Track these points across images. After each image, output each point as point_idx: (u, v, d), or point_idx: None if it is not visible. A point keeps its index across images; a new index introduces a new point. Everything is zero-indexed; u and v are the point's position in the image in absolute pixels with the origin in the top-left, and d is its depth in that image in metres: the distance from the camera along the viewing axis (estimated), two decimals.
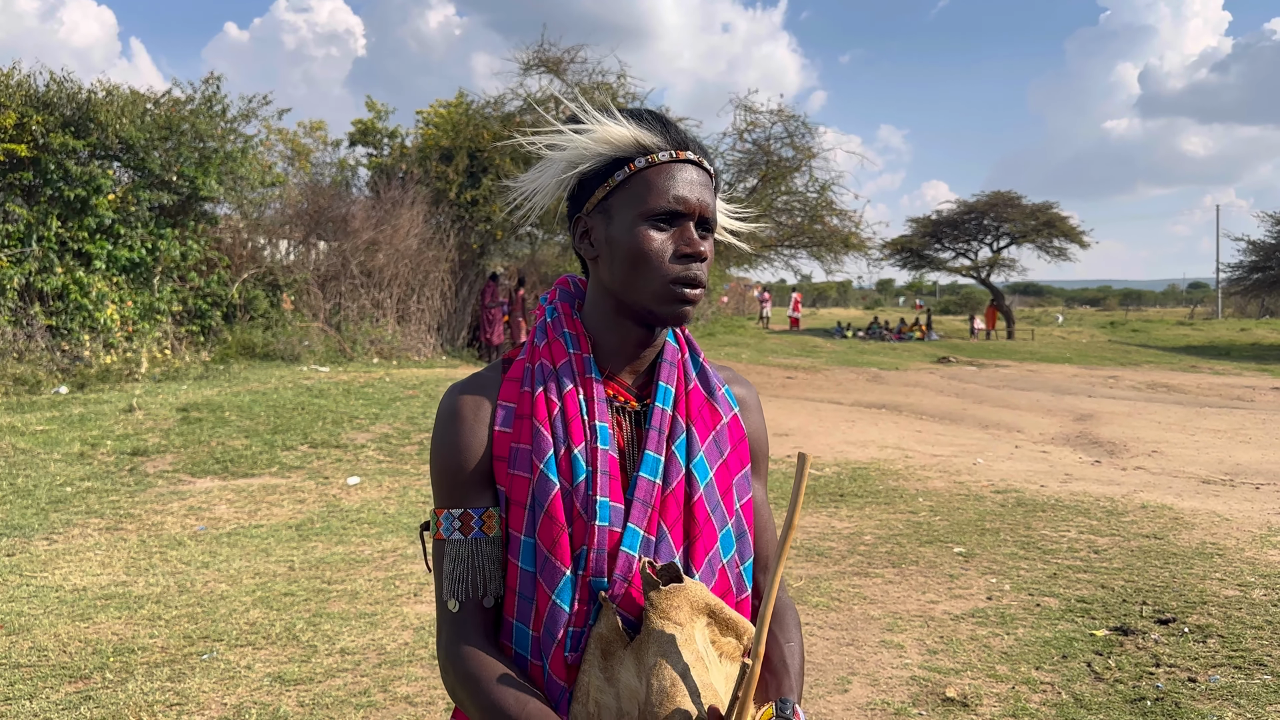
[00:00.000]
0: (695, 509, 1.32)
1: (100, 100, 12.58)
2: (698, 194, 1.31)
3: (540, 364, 1.35)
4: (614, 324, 1.35)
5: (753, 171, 18.28)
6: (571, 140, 1.34)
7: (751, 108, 18.10)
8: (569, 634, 1.26)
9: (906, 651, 4.49)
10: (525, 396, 1.33)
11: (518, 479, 1.30)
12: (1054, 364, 24.53)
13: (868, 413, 14.13)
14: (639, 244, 1.29)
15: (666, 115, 1.36)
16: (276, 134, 19.89)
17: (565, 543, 1.26)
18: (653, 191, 1.30)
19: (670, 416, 1.35)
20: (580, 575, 1.26)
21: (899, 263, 39.16)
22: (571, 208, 1.38)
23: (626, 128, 1.32)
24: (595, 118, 1.33)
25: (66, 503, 7.08)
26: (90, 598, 5.05)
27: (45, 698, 3.82)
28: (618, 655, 1.24)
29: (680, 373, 1.39)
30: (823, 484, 8.26)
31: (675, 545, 1.31)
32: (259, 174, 14.80)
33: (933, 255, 38.31)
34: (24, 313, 11.99)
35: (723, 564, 1.35)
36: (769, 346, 26.93)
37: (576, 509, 1.27)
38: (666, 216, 1.30)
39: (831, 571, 5.73)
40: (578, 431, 1.30)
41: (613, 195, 1.33)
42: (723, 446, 1.38)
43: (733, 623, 1.29)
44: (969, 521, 6.86)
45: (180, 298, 13.90)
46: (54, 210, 12.23)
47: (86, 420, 9.57)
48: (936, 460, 9.51)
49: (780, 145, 18.23)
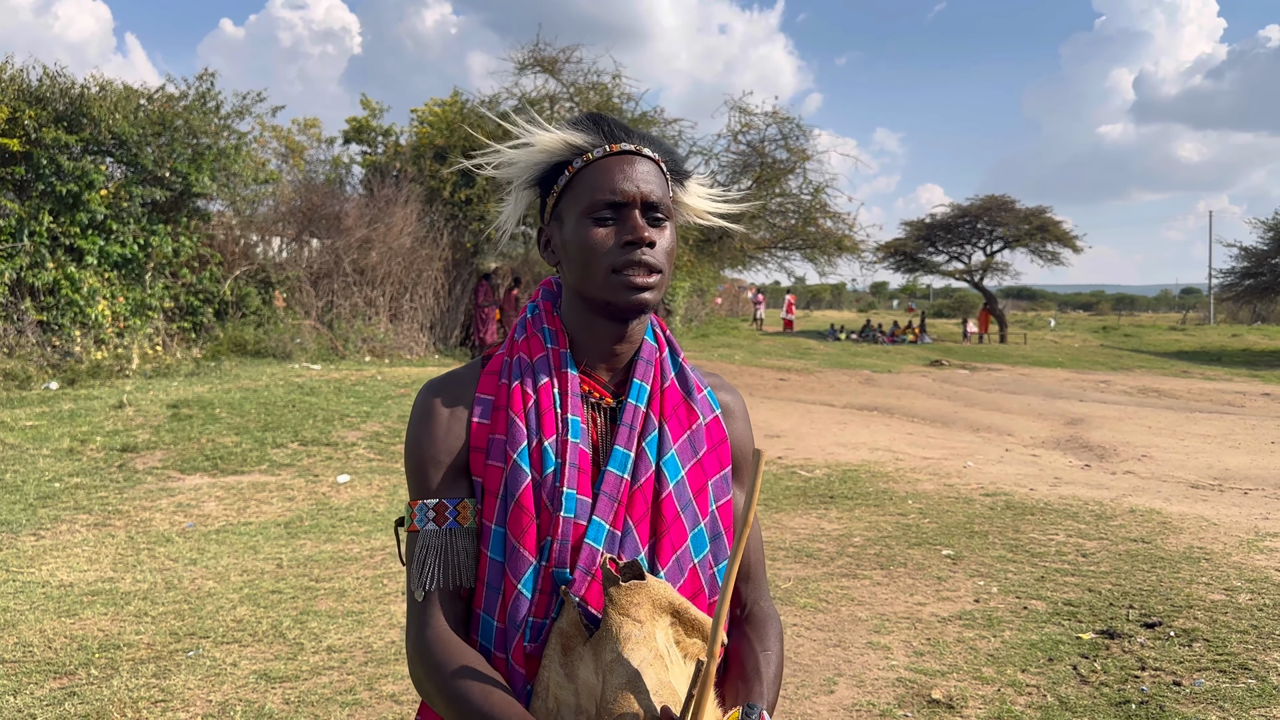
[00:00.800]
0: (663, 506, 1.33)
1: (94, 95, 12.54)
2: (636, 182, 1.32)
3: (518, 357, 1.37)
4: (587, 321, 1.37)
5: (747, 173, 18.29)
6: (512, 157, 1.39)
7: (746, 109, 18.13)
8: (529, 624, 1.26)
9: (893, 653, 4.50)
10: (502, 389, 1.35)
11: (492, 469, 1.32)
12: (1046, 368, 24.58)
13: (859, 415, 14.15)
14: (584, 240, 1.31)
15: (604, 115, 1.39)
16: (271, 131, 19.85)
17: (533, 532, 1.28)
18: (590, 188, 1.32)
19: (643, 413, 1.36)
20: (544, 566, 1.27)
21: (892, 266, 39.21)
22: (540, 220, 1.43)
23: (554, 133, 1.35)
24: (526, 130, 1.37)
25: (55, 498, 7.06)
26: (77, 594, 5.03)
27: (30, 693, 3.81)
28: (577, 651, 1.24)
29: (657, 370, 1.40)
30: (813, 486, 8.28)
31: (640, 541, 1.31)
32: (252, 171, 14.77)
33: (926, 259, 38.38)
34: (15, 308, 11.95)
35: (694, 564, 1.35)
36: (762, 348, 26.95)
37: (544, 500, 1.29)
38: (608, 209, 1.31)
39: (820, 573, 5.73)
40: (550, 424, 1.31)
41: (561, 200, 1.36)
42: (698, 446, 1.39)
43: (698, 623, 1.28)
44: (958, 524, 6.88)
45: (172, 294, 13.86)
46: (46, 205, 12.19)
47: (76, 416, 9.54)
48: (927, 463, 9.53)
49: (774, 147, 18.25)
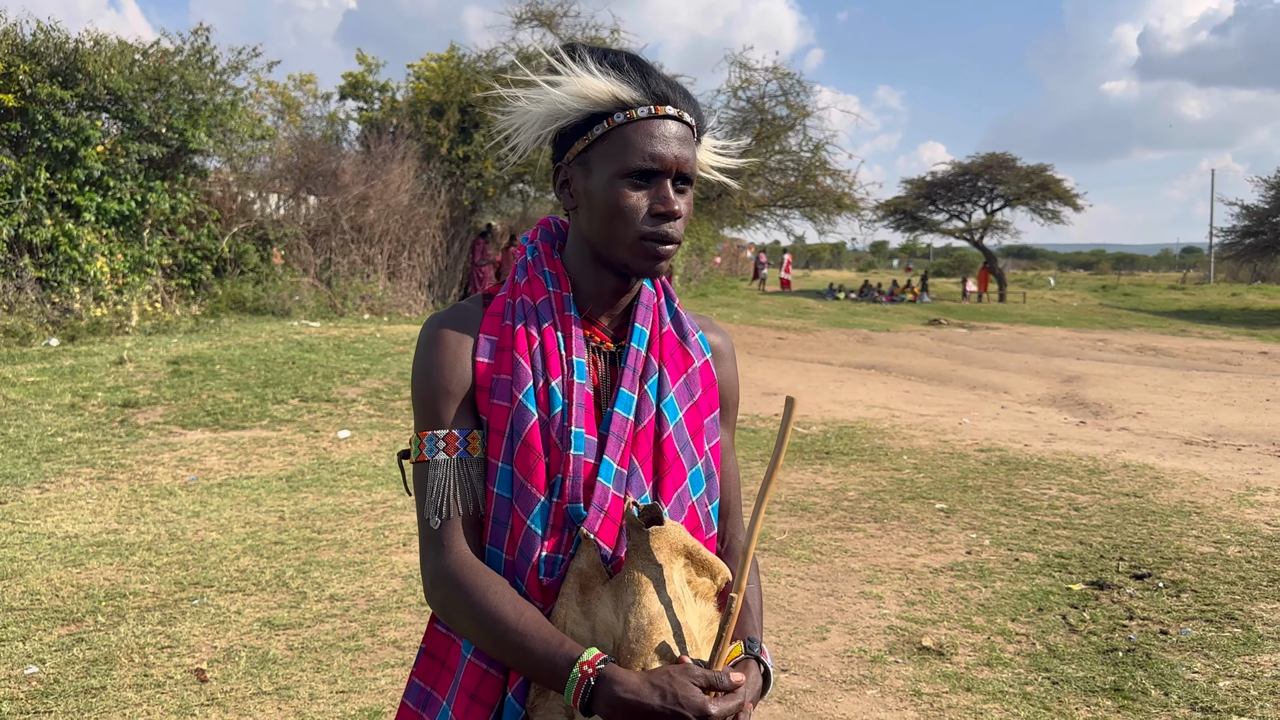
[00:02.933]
0: (664, 446, 1.37)
1: (88, 50, 12.43)
2: (675, 150, 1.32)
3: (521, 300, 1.39)
4: (592, 270, 1.39)
5: (746, 130, 18.18)
6: (548, 95, 1.34)
7: (746, 65, 17.99)
8: (543, 558, 1.30)
9: (885, 602, 4.58)
10: (506, 330, 1.37)
11: (497, 408, 1.34)
12: (1044, 327, 24.62)
13: (857, 373, 14.20)
14: (615, 201, 1.31)
15: (648, 63, 1.37)
16: (266, 87, 19.68)
17: (541, 470, 1.30)
18: (630, 149, 1.31)
19: (644, 357, 1.39)
20: (555, 502, 1.30)
21: (892, 224, 39.12)
22: (555, 154, 1.41)
23: (604, 82, 1.32)
24: (572, 70, 1.34)
25: (58, 453, 7.12)
26: (82, 544, 5.11)
27: (39, 639, 3.88)
28: (595, 590, 1.28)
29: (655, 316, 1.43)
30: (809, 442, 8.34)
31: (645, 479, 1.35)
32: (249, 127, 14.66)
33: (926, 217, 38.27)
34: (13, 265, 11.94)
35: (692, 501, 1.40)
36: (761, 308, 26.96)
37: (553, 439, 1.31)
38: (642, 174, 1.32)
39: (814, 526, 5.81)
40: (555, 365, 1.34)
41: (591, 149, 1.34)
42: (693, 389, 1.43)
43: (708, 564, 1.34)
44: (952, 479, 6.95)
45: (170, 251, 13.83)
46: (42, 161, 12.13)
47: (77, 372, 9.58)
48: (923, 420, 9.59)
49: (774, 103, 18.14)
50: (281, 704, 3.43)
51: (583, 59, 1.34)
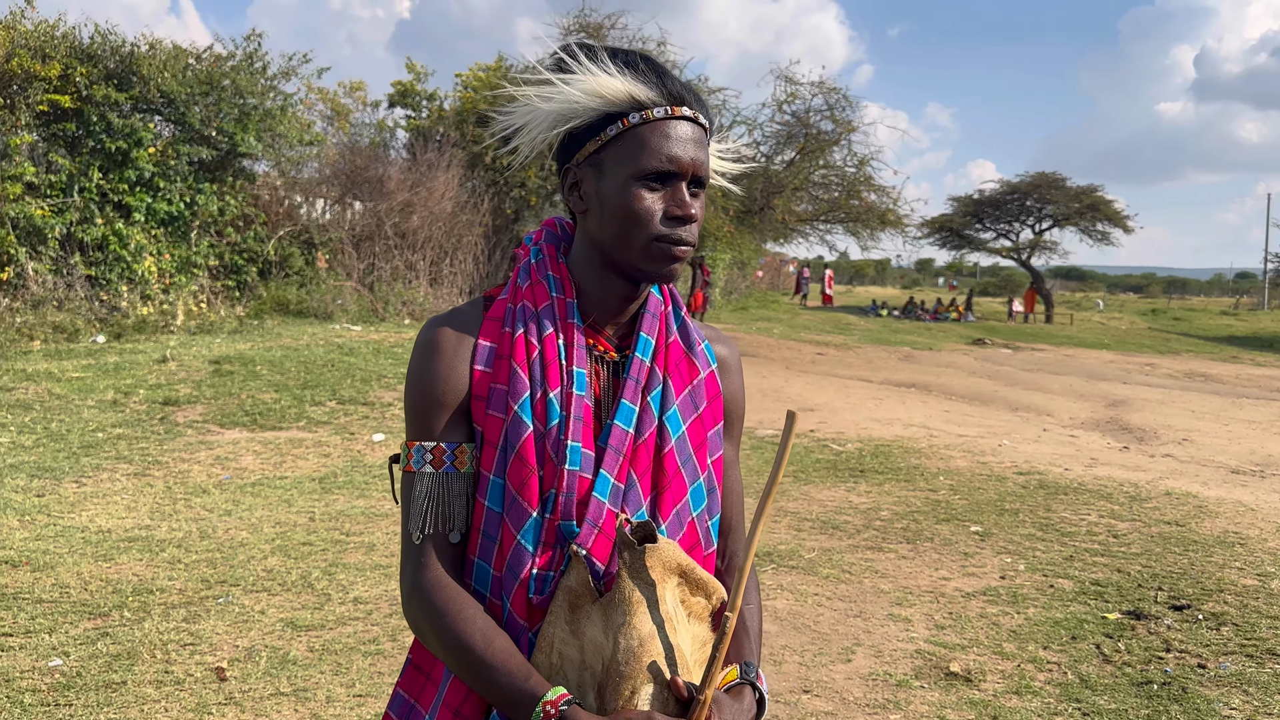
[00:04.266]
0: (665, 460, 1.32)
1: (143, 54, 12.68)
2: (691, 152, 1.28)
3: (522, 305, 1.34)
4: (600, 276, 1.35)
5: (791, 144, 18.11)
6: (561, 93, 1.29)
7: (792, 79, 17.92)
8: (533, 575, 1.25)
9: (914, 625, 4.49)
10: (505, 337, 1.32)
11: (492, 419, 1.30)
12: (1091, 349, 24.21)
13: (896, 391, 14.04)
14: (630, 204, 1.27)
15: (662, 63, 1.32)
16: (317, 93, 19.96)
17: (534, 485, 1.26)
18: (646, 150, 1.27)
19: (648, 368, 1.34)
20: (548, 518, 1.26)
21: (938, 242, 38.72)
22: (562, 155, 1.35)
23: (620, 80, 1.27)
24: (587, 68, 1.29)
25: (97, 448, 7.23)
26: (114, 539, 5.16)
27: (65, 632, 3.92)
28: (585, 609, 1.24)
29: (661, 325, 1.38)
30: (843, 459, 8.24)
31: (643, 494, 1.31)
32: (297, 132, 14.87)
33: (973, 235, 37.84)
34: (64, 262, 12.18)
35: (692, 517, 1.35)
36: (801, 323, 26.80)
37: (548, 452, 1.27)
38: (658, 176, 1.28)
39: (845, 545, 5.72)
40: (554, 375, 1.30)
41: (604, 150, 1.30)
42: (698, 401, 1.38)
43: (703, 583, 1.29)
44: (988, 501, 6.82)
45: (217, 252, 14.05)
46: (95, 162, 12.38)
47: (121, 369, 9.73)
48: (961, 440, 9.45)
49: (820, 118, 18.04)
50: (298, 705, 3.43)
51: (597, 57, 1.29)
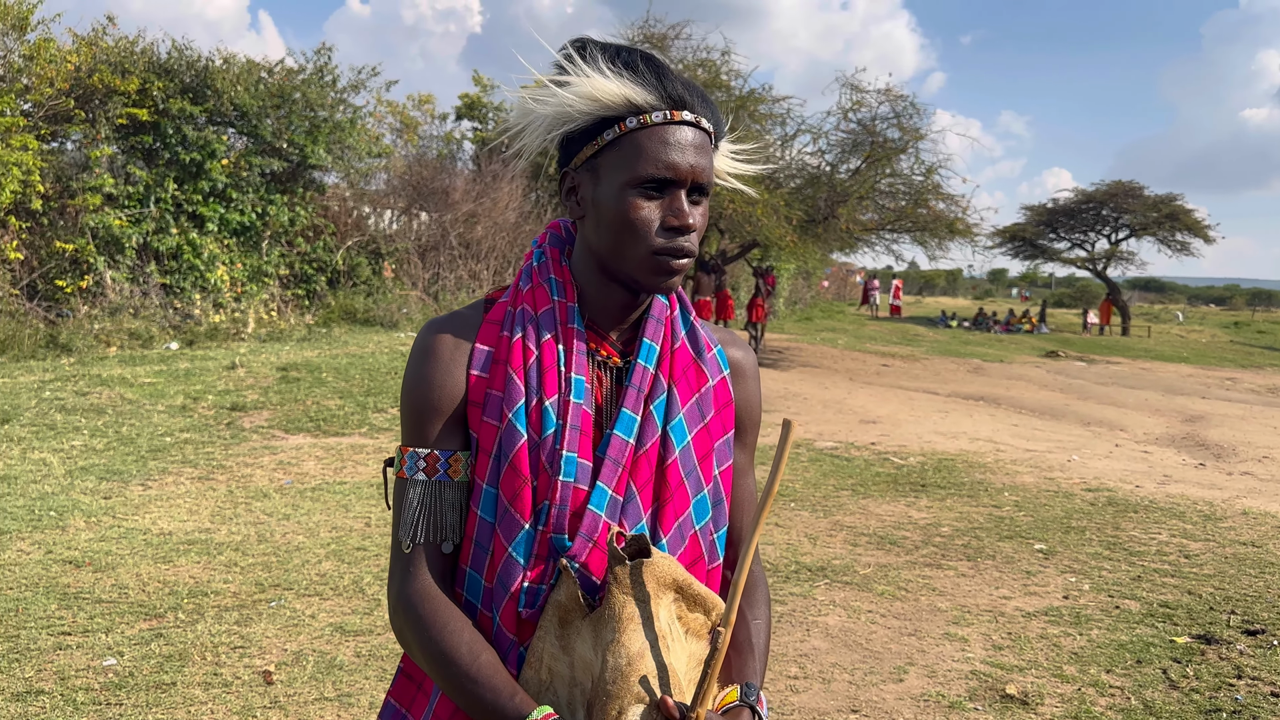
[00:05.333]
0: (668, 472, 1.27)
1: (217, 68, 13.04)
2: (691, 159, 1.23)
3: (522, 309, 1.30)
4: (599, 281, 1.30)
5: (856, 152, 17.88)
6: (555, 96, 1.25)
7: (858, 87, 17.70)
8: (524, 589, 1.22)
9: (970, 645, 4.36)
10: (504, 341, 1.28)
11: (487, 426, 1.26)
12: (1169, 363, 23.47)
13: (963, 404, 13.76)
14: (625, 212, 1.22)
15: (664, 63, 1.27)
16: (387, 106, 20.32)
17: (527, 496, 1.22)
18: (642, 157, 1.22)
19: (652, 375, 1.29)
20: (540, 530, 1.22)
21: (1010, 252, 37.91)
22: (562, 158, 1.31)
23: (616, 83, 1.22)
24: (582, 70, 1.24)
25: (164, 452, 7.40)
26: (174, 542, 5.26)
27: (120, 632, 4.00)
28: (575, 625, 1.20)
29: (667, 330, 1.33)
30: (905, 473, 8.08)
31: (644, 508, 1.26)
32: (366, 144, 15.15)
33: (1046, 245, 36.96)
34: (141, 271, 12.55)
35: (695, 530, 1.30)
36: (867, 333, 26.46)
37: (542, 462, 1.23)
38: (656, 184, 1.23)
39: (902, 561, 5.59)
40: (551, 383, 1.25)
41: (601, 155, 1.25)
42: (705, 410, 1.33)
43: (701, 598, 1.24)
44: (1054, 519, 6.62)
45: (287, 262, 14.36)
46: (171, 173, 12.75)
47: (191, 375, 9.97)
48: (1029, 455, 9.20)
49: (886, 126, 17.77)
50: (341, 711, 3.44)
51: (593, 58, 1.24)
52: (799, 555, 5.60)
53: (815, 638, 4.38)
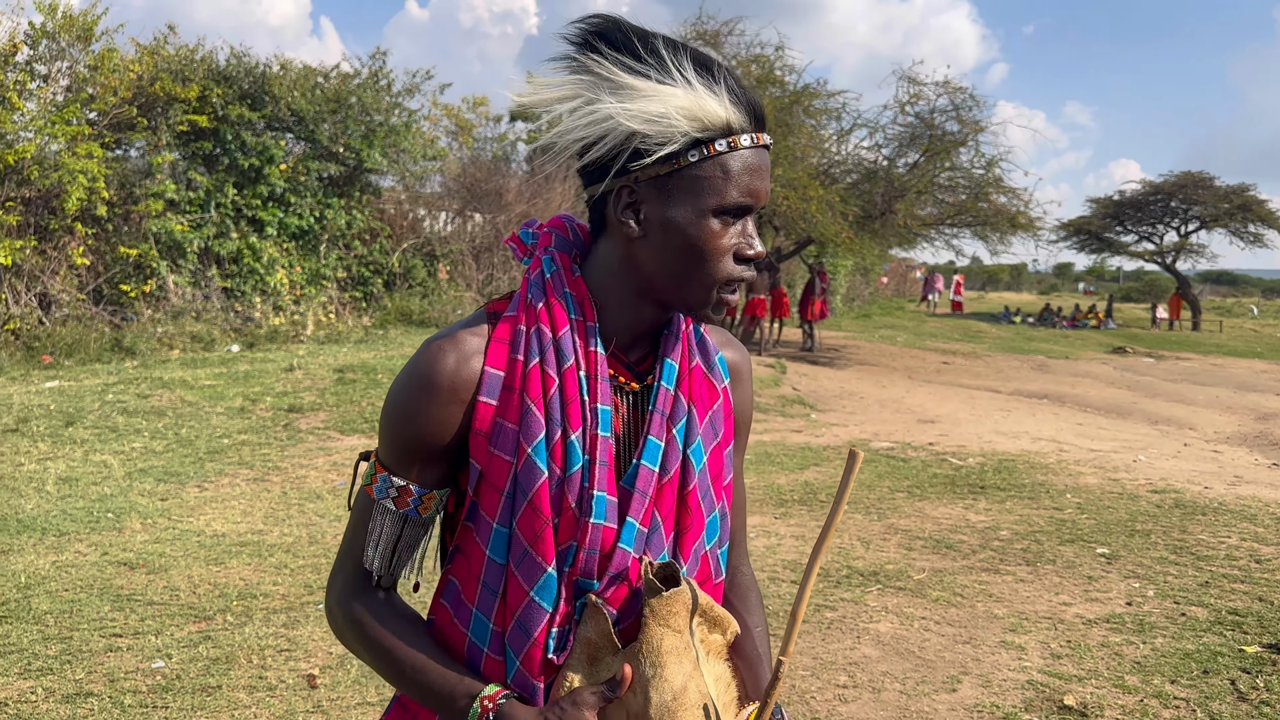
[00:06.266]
0: (689, 498, 1.20)
1: (275, 74, 13.25)
2: (767, 184, 1.16)
3: (537, 329, 1.17)
4: (631, 302, 1.19)
5: (914, 146, 17.60)
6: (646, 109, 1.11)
7: (915, 79, 17.40)
8: (551, 634, 1.14)
9: (1027, 654, 4.22)
10: (517, 366, 1.16)
11: (498, 460, 1.16)
12: (1242, 358, 22.72)
13: (1026, 402, 13.46)
14: (702, 239, 1.13)
15: (736, 73, 1.16)
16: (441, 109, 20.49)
17: (549, 537, 1.13)
18: (731, 182, 1.12)
19: (673, 396, 1.21)
20: (566, 572, 1.14)
21: (1076, 246, 37.05)
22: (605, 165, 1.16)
23: (717, 103, 1.11)
24: (692, 88, 1.11)
25: (222, 453, 7.51)
26: (227, 544, 5.33)
27: (170, 634, 4.04)
28: (605, 662, 1.14)
29: (684, 346, 1.24)
30: (963, 475, 7.90)
31: (665, 536, 1.19)
32: (421, 148, 15.29)
33: (1113, 239, 36.07)
34: (202, 275, 12.81)
35: (705, 551, 1.25)
36: (928, 330, 26.06)
37: (566, 500, 1.14)
38: (736, 211, 1.14)
39: (958, 566, 5.45)
40: (575, 414, 1.15)
41: (678, 174, 1.13)
42: (718, 426, 1.26)
43: (720, 620, 1.20)
44: (1118, 521, 6.41)
45: (345, 265, 14.55)
46: (231, 178, 12.99)
47: (251, 377, 10.13)
48: (1093, 455, 8.95)
49: (945, 119, 17.45)
50: None
51: (681, 64, 1.12)
52: (851, 560, 5.48)
53: (866, 645, 4.28)
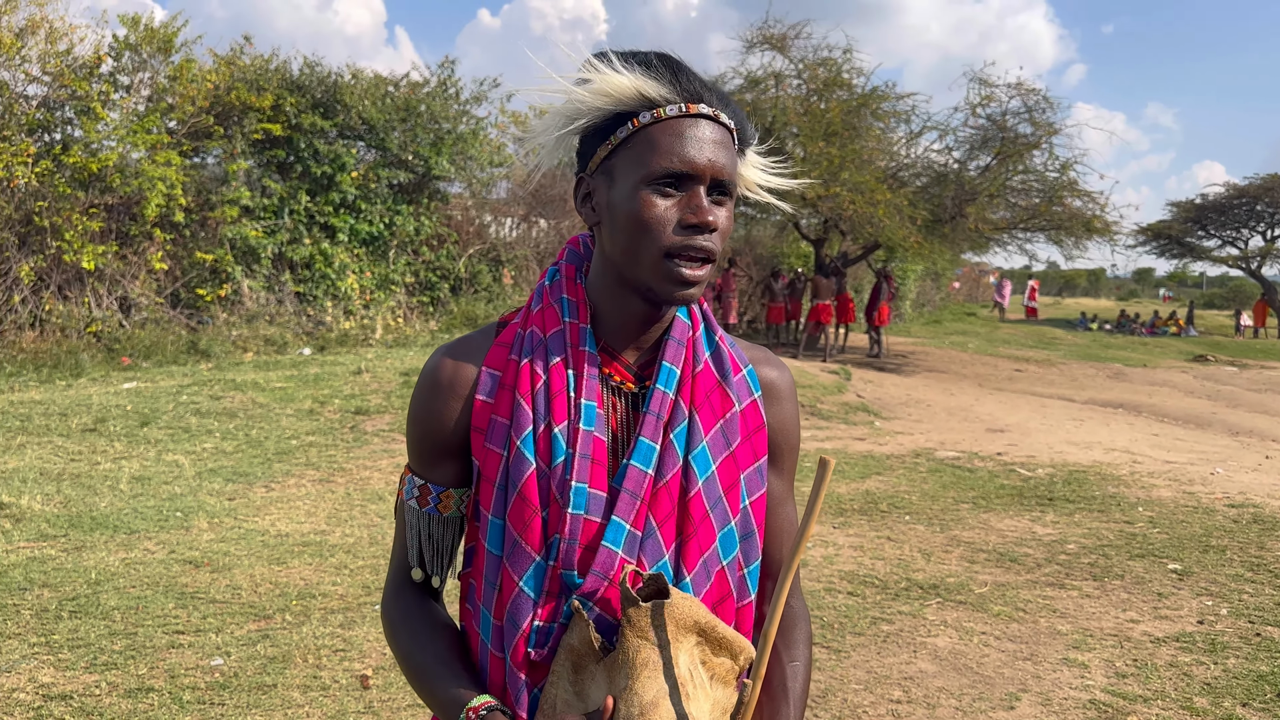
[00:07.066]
0: (691, 505, 1.19)
1: (346, 83, 13.52)
2: (710, 154, 1.15)
3: (531, 331, 1.24)
4: (616, 296, 1.22)
5: (986, 148, 17.27)
6: (568, 92, 1.20)
7: (987, 81, 17.08)
8: (534, 628, 1.16)
9: (1090, 672, 4.10)
10: (512, 365, 1.22)
11: (491, 454, 1.20)
12: None
13: (1100, 412, 13.11)
14: (638, 211, 1.14)
15: (679, 60, 1.20)
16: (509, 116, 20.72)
17: (537, 527, 1.16)
18: (657, 151, 1.14)
19: (672, 401, 1.21)
20: (551, 565, 1.16)
21: (1155, 251, 36.02)
22: (578, 166, 1.25)
23: (627, 77, 1.16)
24: (595, 66, 1.19)
25: (290, 455, 7.67)
26: (290, 544, 5.43)
27: (230, 633, 4.13)
28: (589, 670, 1.13)
29: (689, 352, 1.24)
30: (1031, 486, 7.71)
31: (665, 544, 1.18)
32: (487, 155, 15.46)
33: (1194, 244, 34.96)
34: (276, 279, 13.12)
35: (721, 566, 1.22)
36: (1000, 337, 25.54)
37: (553, 493, 1.17)
38: (672, 180, 1.15)
39: (1022, 580, 5.32)
40: (560, 408, 1.18)
41: (615, 154, 1.18)
42: (731, 437, 1.23)
43: (727, 642, 1.15)
44: (1192, 536, 6.20)
45: (413, 270, 14.77)
46: (304, 186, 13.29)
47: (320, 380, 10.33)
48: (1168, 468, 8.67)
49: (1018, 121, 17.10)
50: None
51: (609, 59, 1.19)
52: (911, 572, 5.38)
53: (923, 660, 4.19)
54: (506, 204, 16.78)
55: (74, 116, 11.80)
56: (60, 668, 3.73)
